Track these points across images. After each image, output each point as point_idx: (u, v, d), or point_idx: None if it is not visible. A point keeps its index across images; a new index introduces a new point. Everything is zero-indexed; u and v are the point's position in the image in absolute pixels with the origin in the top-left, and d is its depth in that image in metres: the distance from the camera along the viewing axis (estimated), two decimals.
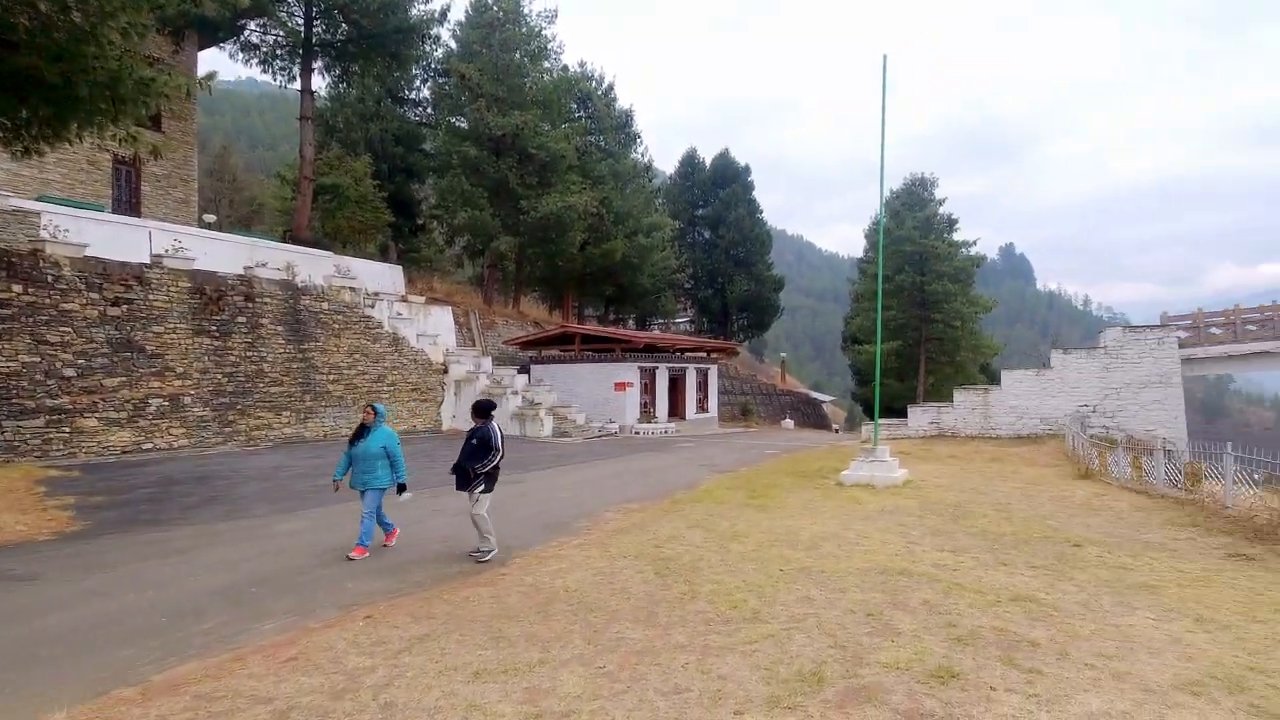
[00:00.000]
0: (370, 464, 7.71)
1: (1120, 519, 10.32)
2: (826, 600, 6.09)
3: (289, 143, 52.23)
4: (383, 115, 34.71)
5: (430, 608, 6.04)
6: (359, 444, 7.80)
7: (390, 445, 7.86)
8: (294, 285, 19.53)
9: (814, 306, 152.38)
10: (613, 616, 5.72)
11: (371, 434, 7.82)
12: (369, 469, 7.71)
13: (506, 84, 32.53)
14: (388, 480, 7.83)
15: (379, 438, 7.82)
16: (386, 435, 7.90)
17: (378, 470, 7.73)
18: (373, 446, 7.74)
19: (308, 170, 26.64)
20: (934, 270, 37.55)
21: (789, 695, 4.22)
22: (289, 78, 27.92)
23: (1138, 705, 4.14)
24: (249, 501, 10.92)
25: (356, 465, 7.77)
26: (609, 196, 37.15)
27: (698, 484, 13.37)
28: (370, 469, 7.71)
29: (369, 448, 7.74)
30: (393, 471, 7.85)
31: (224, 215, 39.32)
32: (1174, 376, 20.12)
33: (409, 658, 4.92)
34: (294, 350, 18.93)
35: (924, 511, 10.46)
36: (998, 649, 4.98)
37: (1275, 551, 8.34)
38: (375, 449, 7.75)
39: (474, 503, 7.55)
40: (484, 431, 7.60)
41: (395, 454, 7.87)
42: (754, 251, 50.39)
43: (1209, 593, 6.67)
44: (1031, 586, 6.64)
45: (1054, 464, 16.32)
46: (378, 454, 7.74)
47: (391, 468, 7.84)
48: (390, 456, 7.82)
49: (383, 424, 7.97)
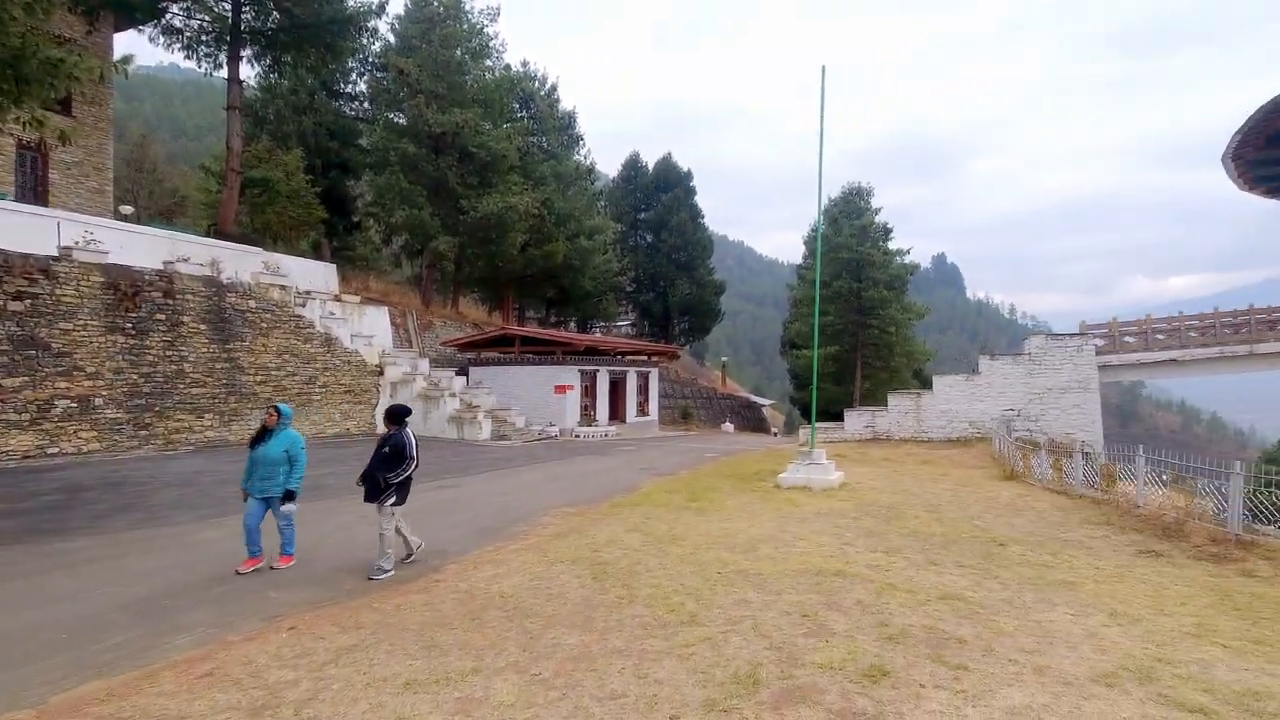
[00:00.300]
0: (272, 470, 7.14)
1: (1042, 518, 10.76)
2: (763, 602, 6.13)
3: (215, 133, 49.88)
4: (317, 108, 33.49)
5: (359, 617, 5.83)
6: (259, 448, 7.22)
7: (294, 450, 7.26)
8: (219, 282, 18.66)
9: (754, 311, 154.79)
10: (549, 622, 5.63)
11: (274, 437, 7.25)
12: (270, 475, 7.15)
13: (447, 81, 31.90)
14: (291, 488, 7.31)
15: (282, 441, 7.23)
16: (291, 439, 7.30)
17: (279, 477, 7.17)
18: (274, 451, 7.17)
19: (235, 162, 25.50)
20: (870, 277, 38.55)
21: (725, 698, 4.22)
22: (215, 65, 26.64)
23: (1056, 698, 4.29)
24: (166, 509, 10.35)
25: (257, 471, 7.16)
26: (551, 198, 36.84)
27: (637, 487, 13.35)
28: (272, 475, 7.15)
29: (269, 452, 7.16)
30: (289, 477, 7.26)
31: (143, 207, 37.31)
32: (1092, 382, 21.16)
33: (335, 669, 4.73)
34: (218, 350, 18.08)
35: (859, 513, 10.69)
36: (927, 647, 5.10)
37: (1181, 548, 8.83)
38: (277, 454, 7.17)
39: (383, 516, 7.15)
40: (398, 439, 7.21)
41: (296, 458, 7.27)
42: (696, 256, 50.80)
43: (1122, 588, 7.00)
44: (959, 585, 6.84)
45: (982, 466, 16.93)
46: (279, 459, 7.16)
47: (289, 473, 7.24)
48: (292, 462, 7.24)
49: (288, 427, 7.39)
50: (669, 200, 50.95)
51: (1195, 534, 9.12)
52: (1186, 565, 8.11)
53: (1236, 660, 5.04)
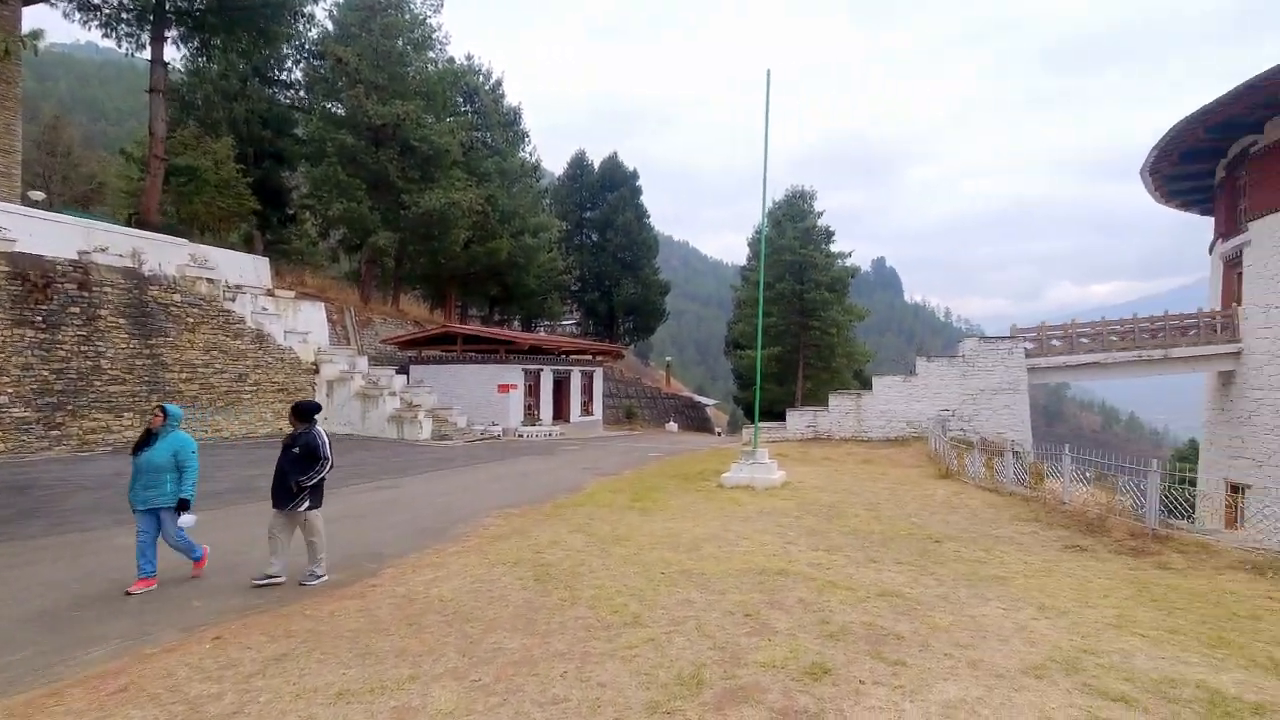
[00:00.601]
0: (156, 477, 6.41)
1: (975, 516, 11.12)
2: (706, 602, 6.13)
3: (138, 117, 47.21)
4: (249, 95, 32.11)
5: (289, 625, 5.58)
6: (143, 453, 6.47)
7: (182, 454, 6.52)
8: (140, 274, 17.72)
9: (699, 311, 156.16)
10: (490, 626, 5.50)
11: (159, 441, 6.52)
12: (154, 484, 6.41)
13: (388, 71, 31.06)
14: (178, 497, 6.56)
15: (169, 445, 6.50)
16: (179, 442, 6.55)
17: (166, 485, 6.44)
18: (158, 456, 6.43)
19: (159, 149, 24.24)
20: (812, 279, 39.23)
21: (668, 700, 4.19)
22: (136, 45, 25.19)
23: (990, 690, 4.40)
24: (79, 513, 9.74)
25: (140, 478, 6.43)
26: (495, 194, 36.31)
27: (581, 487, 13.25)
28: (157, 483, 6.41)
29: (154, 458, 6.43)
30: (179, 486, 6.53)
31: (56, 193, 35.27)
32: (1021, 384, 22.01)
33: (263, 681, 4.50)
34: (139, 346, 17.17)
35: (801, 512, 10.84)
36: (867, 643, 5.17)
37: (1104, 543, 9.24)
38: (162, 459, 6.43)
39: (303, 525, 6.75)
40: (309, 438, 6.71)
41: (186, 464, 6.53)
42: (641, 255, 50.88)
43: (1050, 582, 7.27)
44: (897, 582, 6.98)
45: (918, 465, 17.42)
46: (165, 465, 6.43)
47: (179, 481, 6.53)
48: (180, 468, 6.51)
49: (175, 429, 6.64)
50: (615, 199, 50.88)
51: (1116, 529, 9.56)
52: (1108, 559, 8.49)
53: (1154, 649, 5.28)
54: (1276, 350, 18.87)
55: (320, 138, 30.65)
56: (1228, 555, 8.50)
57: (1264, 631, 5.92)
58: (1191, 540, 9.08)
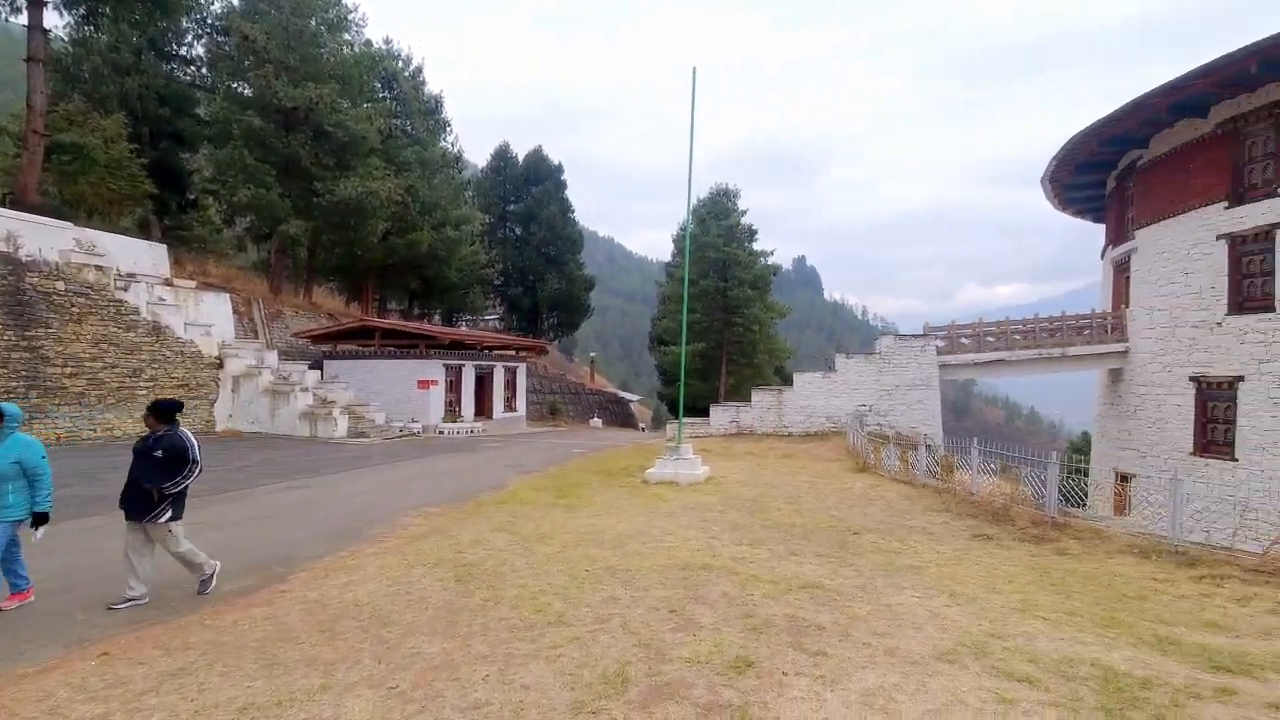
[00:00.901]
0: None
1: (891, 507, 11.52)
2: (631, 598, 6.09)
3: (14, 88, 43.20)
4: (144, 70, 29.86)
5: (187, 637, 5.21)
6: None
7: (28, 459, 5.69)
8: (16, 259, 16.29)
9: (623, 307, 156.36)
10: (408, 630, 5.30)
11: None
12: None
13: (299, 52, 29.61)
14: (23, 509, 5.72)
15: (9, 450, 5.65)
16: (22, 446, 5.72)
17: (7, 495, 5.64)
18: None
19: (38, 123, 22.29)
20: (736, 277, 39.92)
21: (593, 699, 4.12)
22: (12, 9, 23.15)
23: (906, 676, 4.53)
24: None
25: None
26: (415, 185, 35.23)
27: (504, 485, 13.02)
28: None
29: None
30: (30, 496, 5.75)
31: None
32: (934, 380, 22.99)
33: (156, 698, 4.17)
34: (16, 337, 15.78)
35: (724, 507, 10.96)
36: (789, 635, 5.25)
37: (1009, 531, 9.74)
38: (3, 466, 5.61)
39: (164, 539, 5.99)
40: (172, 440, 5.95)
41: (36, 471, 5.73)
42: (566, 250, 50.51)
43: (960, 570, 7.59)
44: (818, 574, 7.13)
45: (837, 459, 17.93)
46: (8, 473, 5.63)
47: (30, 490, 5.74)
48: (28, 475, 5.71)
49: (15, 431, 5.79)
50: (539, 193, 50.31)
51: (1020, 517, 10.09)
52: (1013, 546, 8.95)
53: (1054, 631, 5.57)
54: (1158, 349, 20.36)
55: (225, 119, 28.94)
56: (1117, 540, 9.09)
57: (1149, 611, 6.35)
58: (1086, 527, 9.68)
